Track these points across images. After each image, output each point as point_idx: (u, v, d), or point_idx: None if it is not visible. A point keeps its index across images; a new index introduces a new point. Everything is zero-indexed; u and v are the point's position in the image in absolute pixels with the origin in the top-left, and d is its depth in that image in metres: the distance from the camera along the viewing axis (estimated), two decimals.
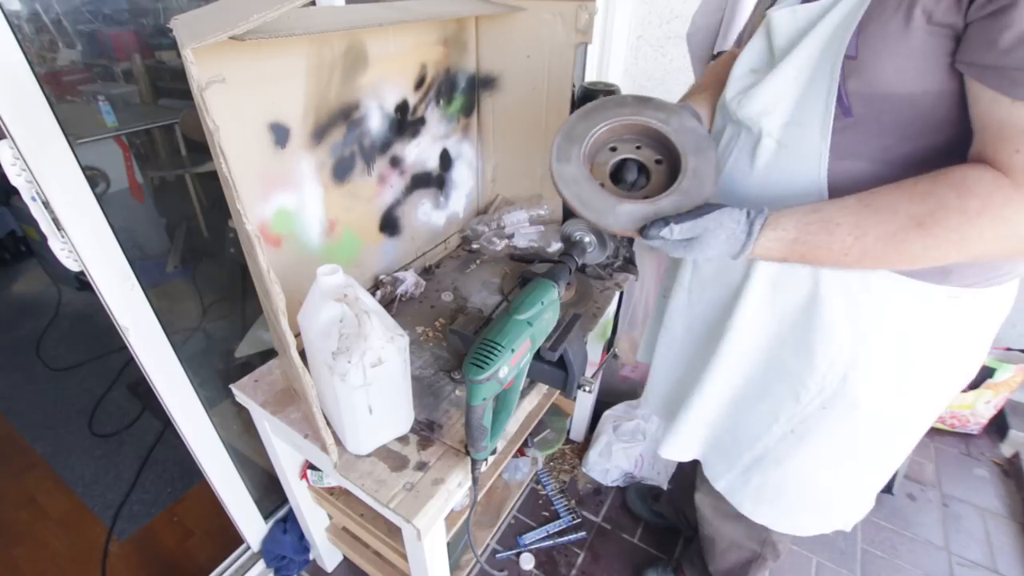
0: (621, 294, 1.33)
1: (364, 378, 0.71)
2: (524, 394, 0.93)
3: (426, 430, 0.87)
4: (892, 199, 0.53)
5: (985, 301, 0.63)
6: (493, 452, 0.82)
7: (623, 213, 0.63)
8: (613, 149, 0.69)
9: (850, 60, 0.55)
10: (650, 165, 0.68)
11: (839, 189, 0.60)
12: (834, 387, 0.70)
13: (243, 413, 1.10)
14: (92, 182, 0.79)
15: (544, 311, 0.76)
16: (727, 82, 0.72)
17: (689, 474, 1.02)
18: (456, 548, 1.32)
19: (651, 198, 0.63)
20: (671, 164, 0.67)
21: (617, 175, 0.70)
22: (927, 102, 0.53)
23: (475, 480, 0.82)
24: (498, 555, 1.46)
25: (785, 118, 0.62)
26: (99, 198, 0.80)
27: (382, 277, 1.19)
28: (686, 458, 0.95)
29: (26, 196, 0.73)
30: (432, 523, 0.79)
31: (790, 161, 0.63)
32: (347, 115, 0.98)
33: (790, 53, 0.59)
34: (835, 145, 0.59)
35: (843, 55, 0.55)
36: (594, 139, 0.68)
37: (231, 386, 0.97)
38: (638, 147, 0.69)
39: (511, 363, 0.70)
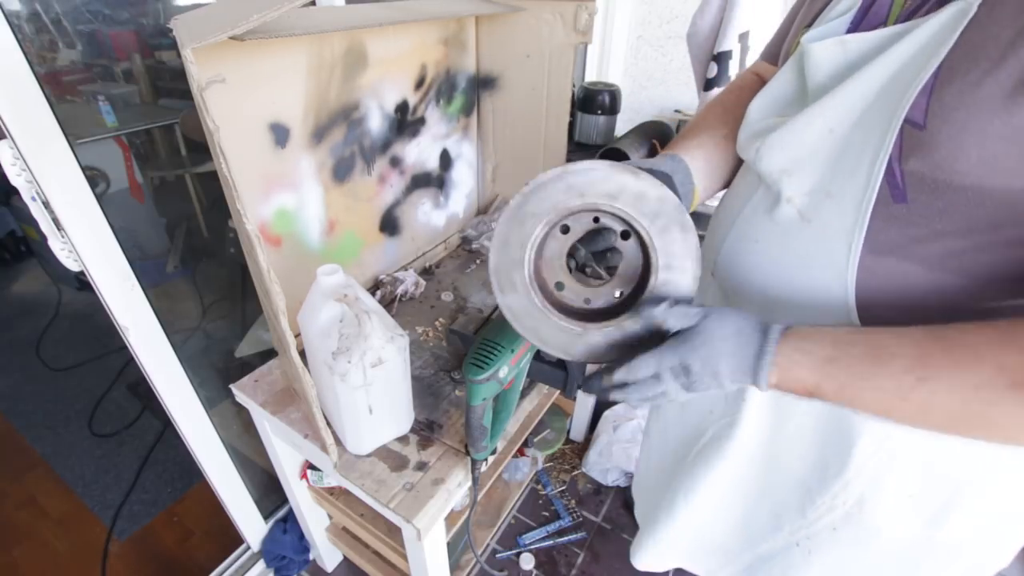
0: None
1: (364, 378, 0.71)
2: (524, 394, 0.93)
3: (426, 430, 0.87)
4: (976, 338, 0.37)
5: None
6: (493, 452, 0.82)
7: (594, 346, 0.51)
8: (565, 231, 0.51)
9: (913, 128, 0.39)
10: (615, 242, 0.50)
11: (875, 296, 0.44)
12: (846, 509, 0.56)
13: (243, 413, 1.10)
14: (92, 182, 0.79)
15: None
16: (745, 116, 0.56)
17: None
18: (456, 548, 1.32)
19: (617, 318, 0.49)
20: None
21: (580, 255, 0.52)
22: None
23: (475, 480, 0.82)
24: (498, 555, 1.46)
25: (811, 184, 0.46)
26: (99, 198, 0.80)
27: (382, 277, 1.19)
28: (662, 568, 0.82)
29: (26, 196, 0.73)
30: (432, 523, 0.79)
31: (812, 242, 0.46)
32: (347, 115, 0.98)
33: (826, 97, 0.43)
34: (876, 234, 0.43)
35: (902, 118, 0.39)
36: (535, 243, 0.51)
37: (231, 386, 0.97)
38: (595, 219, 0.51)
39: (511, 363, 0.70)
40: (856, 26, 0.47)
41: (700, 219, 0.50)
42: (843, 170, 0.43)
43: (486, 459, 0.80)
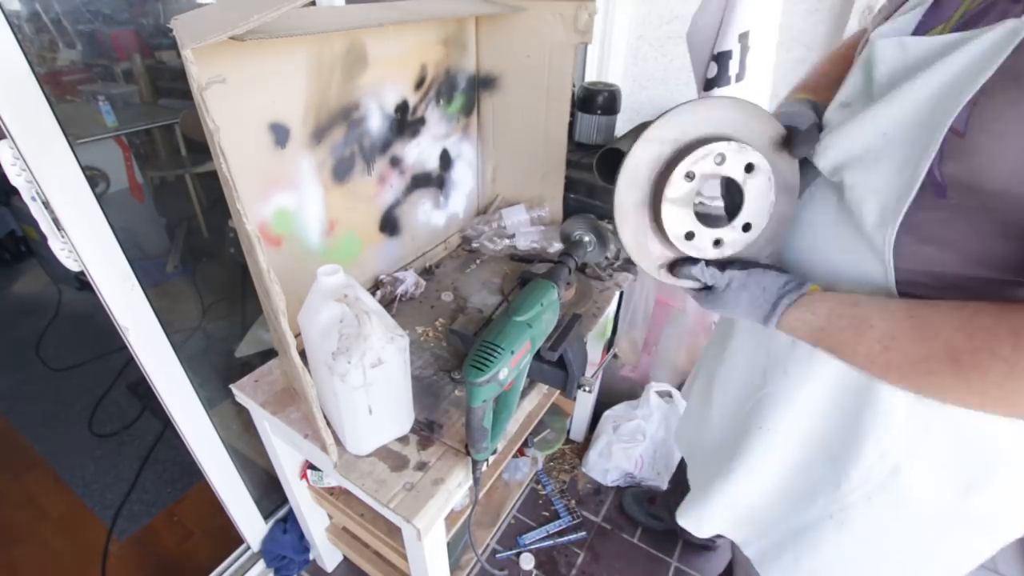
0: (621, 294, 1.33)
1: (364, 378, 0.71)
2: (524, 394, 0.93)
3: (426, 430, 0.87)
4: (942, 319, 0.44)
5: None
6: (494, 452, 0.82)
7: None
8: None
9: (955, 136, 0.42)
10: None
11: (914, 278, 0.49)
12: (881, 478, 0.60)
13: (243, 413, 1.09)
14: (92, 182, 0.79)
15: (544, 312, 0.76)
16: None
17: (686, 480, 0.98)
18: (456, 548, 1.32)
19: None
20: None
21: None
22: None
23: (476, 480, 0.82)
24: (498, 555, 1.46)
25: (863, 179, 0.51)
26: (99, 198, 0.80)
27: (382, 277, 1.19)
28: (705, 533, 0.87)
29: (26, 196, 0.73)
30: (432, 523, 0.79)
31: (858, 230, 0.52)
32: (347, 115, 0.98)
33: (885, 99, 0.47)
34: (920, 225, 0.47)
35: (947, 127, 0.42)
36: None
37: (231, 386, 0.97)
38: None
39: (511, 365, 0.70)
40: (922, 24, 0.50)
41: None
42: (891, 168, 0.48)
43: (487, 459, 0.80)
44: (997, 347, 0.40)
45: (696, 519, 0.87)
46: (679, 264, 0.59)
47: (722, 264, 0.59)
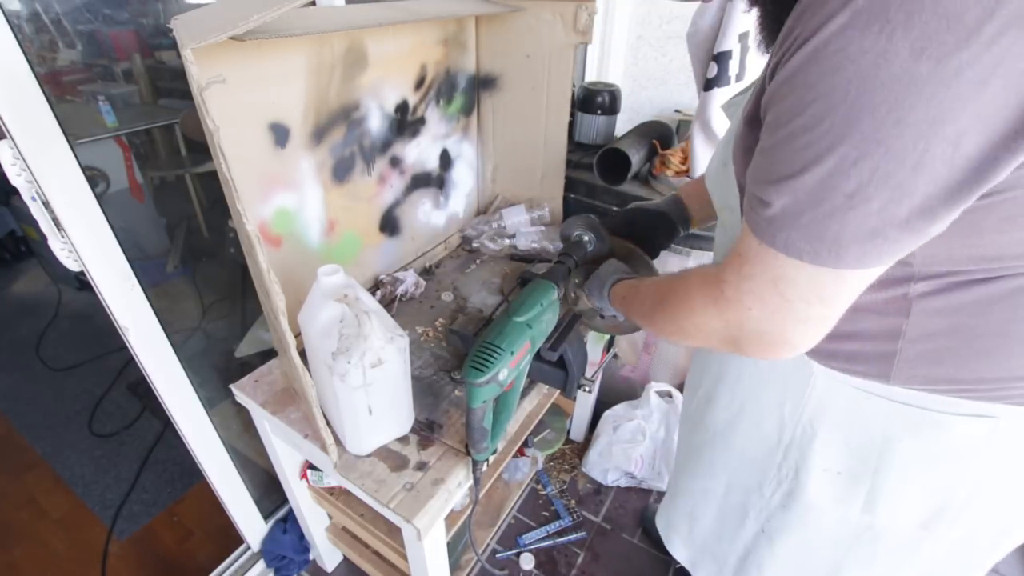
0: None
1: (364, 378, 0.71)
2: (524, 394, 0.93)
3: (426, 430, 0.87)
4: (669, 279, 0.61)
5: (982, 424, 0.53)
6: (494, 452, 0.82)
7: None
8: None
9: (733, 154, 0.59)
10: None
11: None
12: (789, 484, 0.67)
13: (243, 413, 1.10)
14: (92, 182, 0.79)
15: (544, 313, 0.76)
16: None
17: None
18: (456, 548, 1.32)
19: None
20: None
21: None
22: None
23: (476, 480, 0.82)
24: (498, 555, 1.46)
25: (721, 202, 0.68)
26: (99, 198, 0.80)
27: (382, 277, 1.19)
28: (672, 550, 0.94)
29: (26, 196, 0.73)
30: (432, 523, 0.79)
31: (733, 240, 0.65)
32: (347, 115, 0.98)
33: (721, 144, 0.65)
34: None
35: (731, 150, 0.59)
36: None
37: (231, 386, 0.97)
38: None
39: (511, 365, 0.70)
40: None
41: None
42: (730, 189, 0.62)
43: (487, 459, 0.80)
44: (676, 286, 0.57)
45: (665, 523, 0.95)
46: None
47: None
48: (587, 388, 0.86)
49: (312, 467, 1.11)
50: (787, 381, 0.63)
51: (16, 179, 0.71)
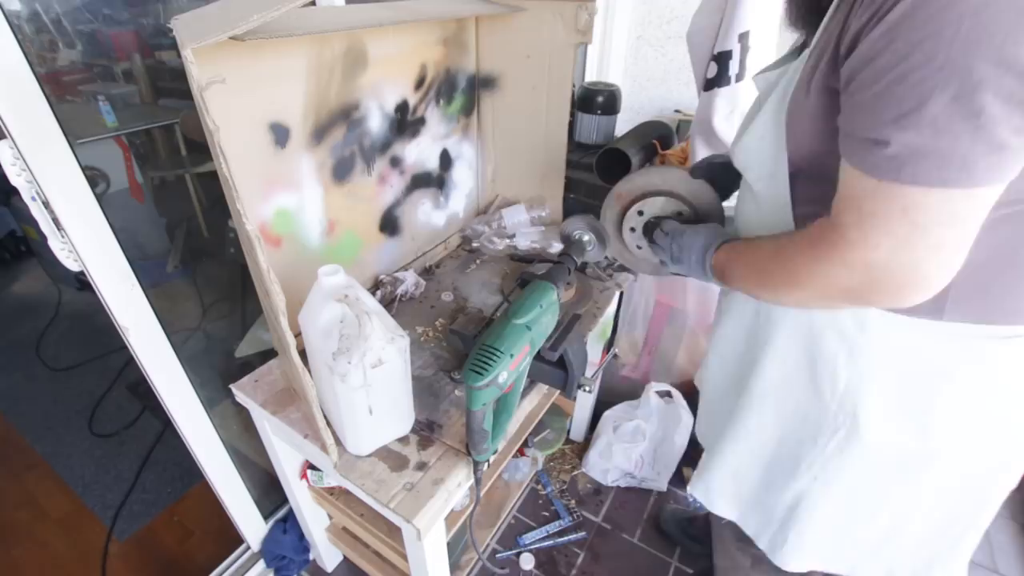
0: (621, 294, 1.33)
1: (364, 379, 0.71)
2: (524, 394, 0.93)
3: (426, 430, 0.87)
4: (775, 239, 0.62)
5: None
6: (494, 452, 0.82)
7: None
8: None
9: (788, 123, 0.60)
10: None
11: (807, 213, 0.62)
12: (847, 428, 0.69)
13: (243, 413, 1.09)
14: (92, 182, 0.79)
15: (543, 314, 0.76)
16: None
17: None
18: (456, 548, 1.32)
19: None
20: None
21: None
22: (830, 161, 0.55)
23: (478, 480, 0.82)
24: (498, 555, 1.46)
25: (760, 172, 0.67)
26: (99, 198, 0.80)
27: (382, 277, 1.19)
28: (717, 510, 0.93)
29: (26, 196, 0.73)
30: (432, 523, 0.79)
31: (768, 212, 0.68)
32: (347, 115, 0.98)
33: (756, 116, 0.66)
34: (795, 195, 0.64)
35: (783, 119, 0.60)
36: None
37: (231, 386, 0.97)
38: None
39: (510, 368, 0.70)
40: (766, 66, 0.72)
41: None
42: (772, 160, 0.63)
43: (488, 460, 0.80)
44: (787, 240, 0.59)
45: (704, 488, 0.92)
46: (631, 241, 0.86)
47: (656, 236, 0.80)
48: (587, 388, 0.86)
49: (312, 467, 1.11)
50: (843, 329, 0.65)
51: (16, 179, 0.71)
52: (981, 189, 0.44)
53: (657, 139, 1.42)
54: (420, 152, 1.20)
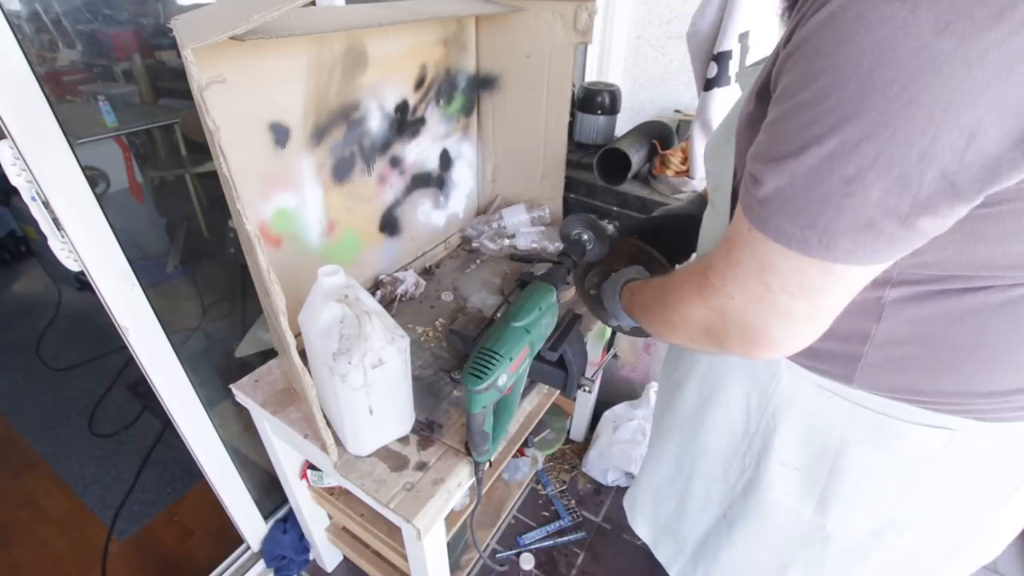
0: None
1: (364, 379, 0.71)
2: (524, 394, 0.93)
3: (426, 430, 0.87)
4: (668, 275, 0.61)
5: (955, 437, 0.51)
6: (495, 453, 0.82)
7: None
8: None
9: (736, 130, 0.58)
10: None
11: None
12: (750, 473, 0.66)
13: (243, 413, 1.10)
14: (92, 182, 0.79)
15: (542, 316, 0.75)
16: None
17: None
18: (456, 548, 1.32)
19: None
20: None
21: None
22: None
23: (479, 480, 0.82)
24: (498, 555, 1.46)
25: (716, 181, 0.64)
26: (99, 198, 0.80)
27: (382, 277, 1.19)
28: (636, 529, 0.94)
29: (26, 196, 0.73)
30: (432, 523, 0.79)
31: (720, 227, 0.64)
32: (347, 115, 0.98)
33: (726, 116, 0.64)
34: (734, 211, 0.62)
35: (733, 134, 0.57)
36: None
37: (231, 386, 0.97)
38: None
39: (510, 371, 0.69)
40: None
41: None
42: (724, 171, 0.59)
43: (489, 460, 0.80)
44: (668, 289, 0.56)
45: (631, 503, 0.94)
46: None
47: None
48: (587, 388, 0.86)
49: (312, 467, 1.11)
50: (755, 373, 0.62)
51: (16, 179, 0.71)
52: (840, 267, 0.38)
53: (657, 139, 1.42)
54: (420, 152, 1.20)
